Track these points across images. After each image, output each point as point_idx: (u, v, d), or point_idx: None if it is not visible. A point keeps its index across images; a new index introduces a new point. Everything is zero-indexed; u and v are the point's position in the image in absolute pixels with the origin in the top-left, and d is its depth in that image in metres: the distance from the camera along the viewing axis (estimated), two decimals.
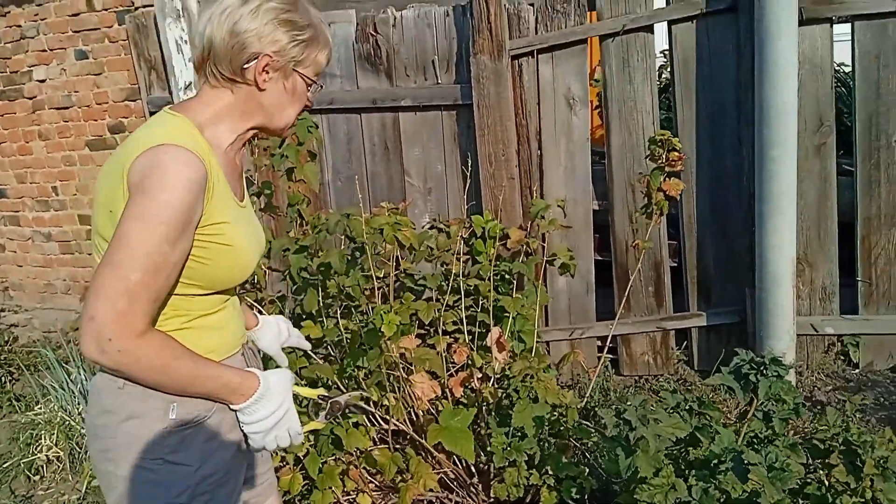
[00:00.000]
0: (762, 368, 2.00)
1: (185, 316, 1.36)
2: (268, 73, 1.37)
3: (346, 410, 1.55)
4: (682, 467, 2.03)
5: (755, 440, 2.18)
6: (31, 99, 4.79)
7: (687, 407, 2.14)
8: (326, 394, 1.55)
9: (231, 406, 1.38)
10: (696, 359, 3.55)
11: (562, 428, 2.41)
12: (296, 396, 1.49)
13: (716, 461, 1.96)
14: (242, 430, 1.41)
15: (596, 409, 3.33)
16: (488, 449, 2.42)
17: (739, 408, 3.22)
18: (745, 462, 1.88)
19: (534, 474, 2.29)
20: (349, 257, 2.69)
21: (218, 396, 1.36)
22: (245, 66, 1.36)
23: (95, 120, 4.62)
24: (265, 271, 2.96)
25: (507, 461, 2.23)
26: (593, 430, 2.50)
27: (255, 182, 3.13)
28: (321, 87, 1.50)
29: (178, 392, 1.32)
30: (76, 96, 4.63)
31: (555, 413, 2.41)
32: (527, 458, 2.27)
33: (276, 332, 1.82)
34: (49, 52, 4.62)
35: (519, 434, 2.29)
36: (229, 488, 1.45)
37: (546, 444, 2.41)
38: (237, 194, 1.44)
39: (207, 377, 1.32)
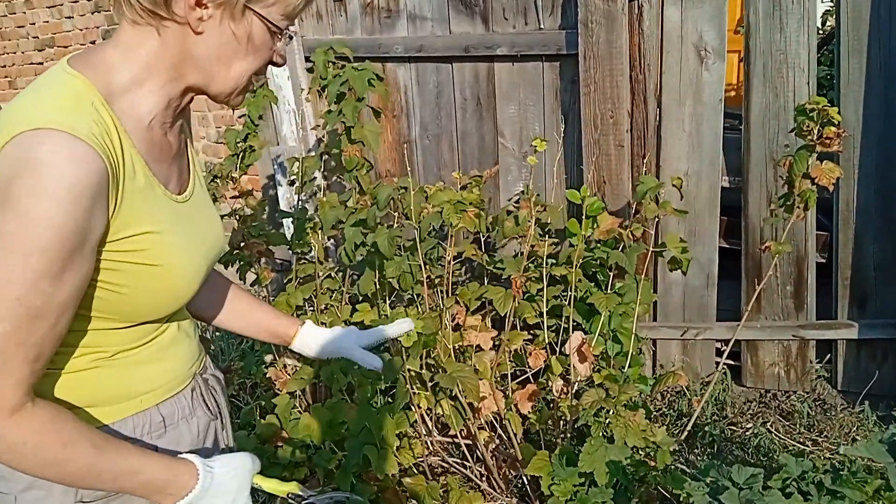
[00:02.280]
0: None
1: (99, 353, 0.98)
2: (205, 7, 0.92)
3: None
4: None
5: None
6: None
7: (815, 479, 1.59)
8: (300, 492, 1.12)
9: None
10: (841, 377, 2.88)
11: (647, 473, 1.91)
12: (256, 491, 1.09)
13: None
14: None
15: (706, 427, 2.78)
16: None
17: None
18: None
19: None
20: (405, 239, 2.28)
21: (135, 495, 0.97)
22: None
23: None
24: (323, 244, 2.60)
25: None
26: (688, 479, 1.98)
27: (323, 140, 2.76)
28: (291, 37, 1.04)
29: (74, 486, 0.96)
30: None
31: (640, 453, 1.92)
32: None
33: (341, 334, 1.41)
34: None
35: (589, 480, 1.83)
36: None
37: (626, 490, 1.93)
38: (172, 185, 1.02)
39: (118, 473, 0.93)
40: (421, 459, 2.12)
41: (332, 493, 1.16)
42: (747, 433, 2.78)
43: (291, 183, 2.93)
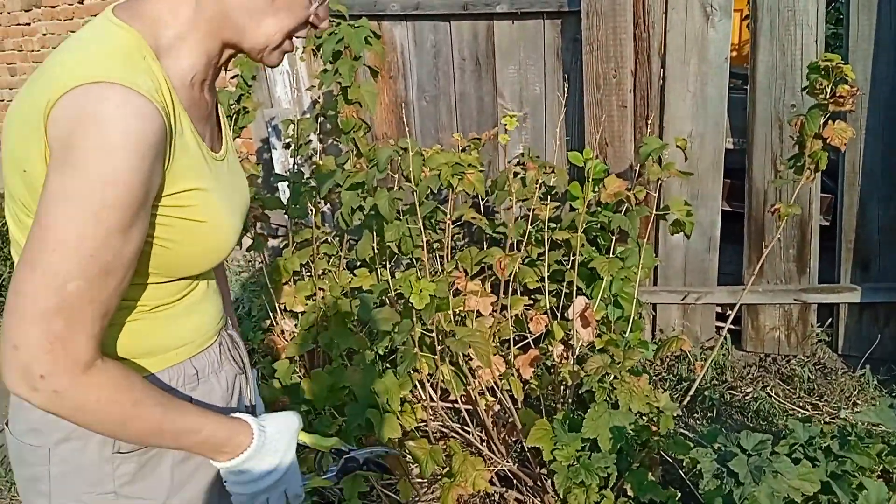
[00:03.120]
0: None
1: (140, 306, 0.98)
2: None
3: (364, 468, 1.18)
4: None
5: None
6: None
7: (823, 445, 1.57)
8: (342, 447, 1.17)
9: (213, 462, 1.01)
10: (842, 342, 2.87)
11: (650, 438, 1.89)
12: (301, 447, 1.11)
13: None
14: (224, 483, 1.05)
15: (706, 392, 2.77)
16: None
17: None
18: None
19: (606, 497, 1.80)
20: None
21: (193, 452, 1.00)
22: None
23: None
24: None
25: (573, 482, 1.76)
26: (692, 444, 1.96)
27: (318, 102, 2.69)
28: None
29: (136, 444, 0.97)
30: None
31: (643, 418, 1.90)
32: (601, 479, 1.79)
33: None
34: None
35: (591, 446, 1.81)
36: None
37: (627, 456, 1.92)
38: (210, 144, 1.02)
39: (180, 431, 0.94)
40: (422, 423, 2.10)
41: (371, 448, 1.22)
42: (747, 397, 2.77)
43: (286, 146, 2.86)
